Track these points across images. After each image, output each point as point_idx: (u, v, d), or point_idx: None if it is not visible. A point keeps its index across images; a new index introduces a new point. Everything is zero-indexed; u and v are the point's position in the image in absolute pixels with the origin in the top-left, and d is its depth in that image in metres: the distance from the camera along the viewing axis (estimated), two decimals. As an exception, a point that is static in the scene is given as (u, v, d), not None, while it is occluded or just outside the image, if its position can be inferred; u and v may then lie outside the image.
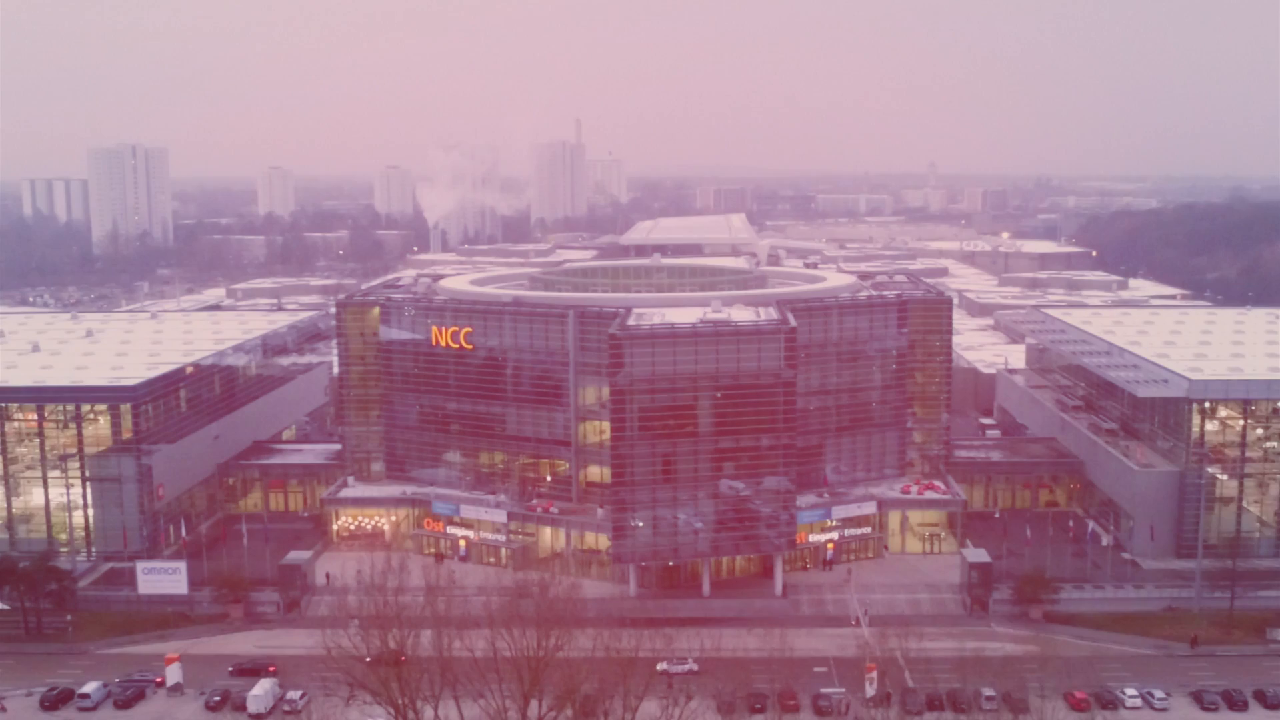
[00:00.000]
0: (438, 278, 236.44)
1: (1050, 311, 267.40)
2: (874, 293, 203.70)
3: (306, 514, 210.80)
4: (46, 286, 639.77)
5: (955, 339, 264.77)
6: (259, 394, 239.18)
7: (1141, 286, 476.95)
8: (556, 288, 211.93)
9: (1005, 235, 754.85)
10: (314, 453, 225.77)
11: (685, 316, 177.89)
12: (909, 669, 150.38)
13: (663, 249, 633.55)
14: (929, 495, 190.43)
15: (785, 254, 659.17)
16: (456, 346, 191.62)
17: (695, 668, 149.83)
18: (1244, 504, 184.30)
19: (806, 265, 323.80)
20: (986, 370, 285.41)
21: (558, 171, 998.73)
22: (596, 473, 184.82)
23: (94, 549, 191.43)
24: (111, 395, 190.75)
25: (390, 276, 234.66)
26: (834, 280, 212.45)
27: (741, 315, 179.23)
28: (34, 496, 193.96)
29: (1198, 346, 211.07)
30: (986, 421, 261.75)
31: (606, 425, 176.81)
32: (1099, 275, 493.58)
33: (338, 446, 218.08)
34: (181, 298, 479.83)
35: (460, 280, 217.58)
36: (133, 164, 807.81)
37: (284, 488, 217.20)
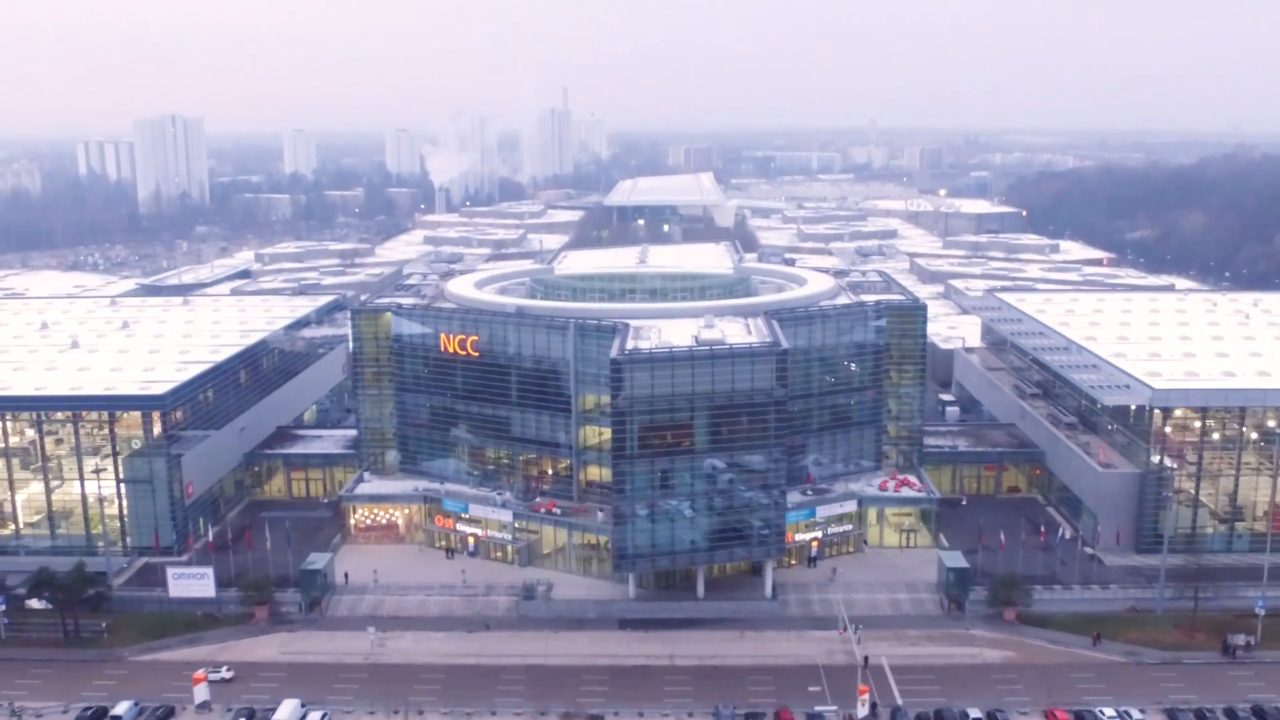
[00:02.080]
0: (446, 275, 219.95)
1: (1004, 296, 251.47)
2: (853, 298, 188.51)
3: (326, 500, 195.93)
4: (97, 245, 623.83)
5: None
6: (282, 382, 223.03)
7: (1071, 249, 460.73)
8: (556, 295, 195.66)
9: (943, 193, 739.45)
10: (333, 440, 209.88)
11: (680, 329, 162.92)
12: (895, 680, 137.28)
13: (641, 210, 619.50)
14: (905, 492, 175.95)
15: (750, 214, 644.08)
16: (464, 353, 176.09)
17: (231, 675, 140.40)
18: (1201, 502, 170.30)
19: (784, 261, 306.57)
20: (944, 346, 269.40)
21: (547, 135, 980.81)
22: (596, 472, 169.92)
23: (129, 543, 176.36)
24: (142, 403, 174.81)
25: (402, 274, 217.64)
26: (814, 283, 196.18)
27: (732, 329, 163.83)
28: (72, 492, 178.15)
29: (1149, 342, 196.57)
30: (945, 398, 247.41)
31: (604, 429, 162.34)
32: (1033, 239, 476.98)
33: (354, 432, 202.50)
34: (214, 263, 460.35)
35: (466, 282, 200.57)
36: (172, 132, 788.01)
37: (305, 474, 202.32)
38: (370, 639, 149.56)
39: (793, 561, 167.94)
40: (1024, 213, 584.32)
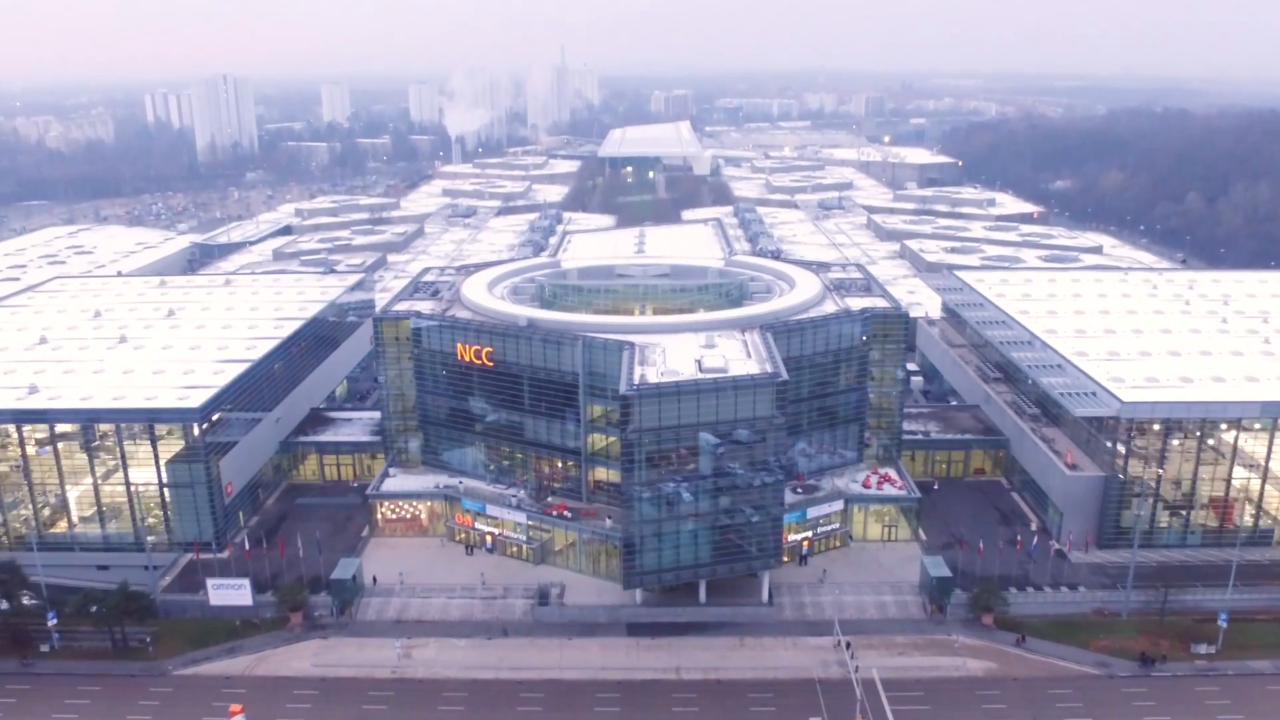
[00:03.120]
0: (462, 270, 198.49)
1: (963, 275, 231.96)
2: (839, 302, 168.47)
3: (356, 484, 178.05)
4: (160, 194, 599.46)
5: (870, 268, 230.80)
6: (315, 365, 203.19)
7: (1005, 202, 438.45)
8: (565, 300, 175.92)
9: (887, 140, 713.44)
10: (361, 425, 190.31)
11: (682, 346, 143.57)
12: (888, 699, 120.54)
13: (630, 160, 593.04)
14: (887, 489, 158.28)
15: (724, 163, 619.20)
16: (479, 362, 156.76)
17: None
18: (1160, 497, 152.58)
19: (770, 254, 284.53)
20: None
21: (548, 88, 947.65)
22: (603, 473, 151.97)
23: (172, 537, 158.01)
24: (179, 416, 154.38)
25: (419, 272, 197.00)
26: (802, 285, 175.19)
27: (730, 346, 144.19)
28: (120, 490, 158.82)
29: (1104, 336, 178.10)
30: (910, 367, 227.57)
31: (610, 437, 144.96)
32: (972, 192, 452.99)
33: (379, 414, 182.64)
34: (260, 218, 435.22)
35: (479, 284, 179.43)
36: (224, 90, 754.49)
37: (337, 459, 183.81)
38: (396, 651, 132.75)
39: (786, 559, 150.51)
40: (959, 163, 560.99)
